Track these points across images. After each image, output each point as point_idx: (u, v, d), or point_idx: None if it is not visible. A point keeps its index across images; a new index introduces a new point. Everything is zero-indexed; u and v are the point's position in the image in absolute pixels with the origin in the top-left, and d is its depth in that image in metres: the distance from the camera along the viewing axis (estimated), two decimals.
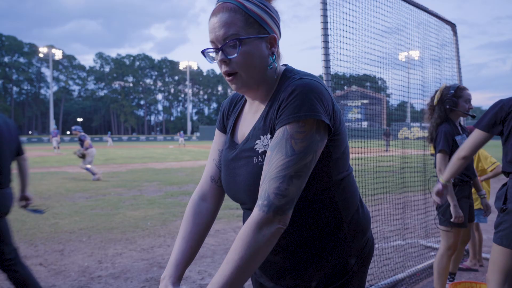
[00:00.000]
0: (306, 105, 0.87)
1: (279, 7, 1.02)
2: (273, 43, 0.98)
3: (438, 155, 2.54)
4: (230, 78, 0.96)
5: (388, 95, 4.68)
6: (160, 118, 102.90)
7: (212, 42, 0.96)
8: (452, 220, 2.47)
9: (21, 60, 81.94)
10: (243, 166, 0.98)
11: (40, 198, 7.30)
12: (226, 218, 5.53)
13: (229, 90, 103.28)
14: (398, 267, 3.16)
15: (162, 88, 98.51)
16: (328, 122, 0.89)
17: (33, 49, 79.62)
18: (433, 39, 3.81)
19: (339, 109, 0.96)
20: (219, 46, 0.94)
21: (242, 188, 0.97)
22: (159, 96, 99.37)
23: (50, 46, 66.70)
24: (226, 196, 1.14)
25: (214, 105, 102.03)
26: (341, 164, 0.98)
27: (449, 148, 2.52)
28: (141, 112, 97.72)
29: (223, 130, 1.16)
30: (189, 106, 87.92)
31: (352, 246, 1.00)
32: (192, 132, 78.36)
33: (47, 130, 77.33)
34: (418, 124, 6.54)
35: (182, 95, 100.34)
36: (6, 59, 79.49)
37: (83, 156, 10.12)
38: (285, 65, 1.06)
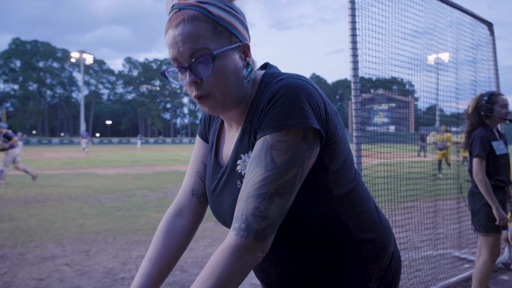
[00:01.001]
0: (289, 110, 0.72)
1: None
2: (246, 51, 0.82)
3: (475, 160, 2.51)
4: (202, 99, 0.78)
5: (416, 99, 4.51)
6: (186, 121, 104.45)
7: (174, 59, 0.77)
8: (496, 223, 2.43)
9: (55, 65, 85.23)
10: (227, 192, 0.84)
11: (68, 199, 7.48)
12: None
13: None
14: (429, 279, 3.00)
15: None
16: (319, 127, 0.73)
17: (66, 55, 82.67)
18: (467, 39, 3.64)
19: (334, 111, 0.80)
20: (185, 64, 0.76)
21: (229, 216, 0.83)
22: (185, 100, 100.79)
23: (82, 51, 68.98)
24: None
25: None
26: (343, 176, 0.82)
27: (486, 153, 2.50)
28: (167, 115, 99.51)
29: (205, 139, 1.01)
30: None
31: (371, 268, 0.86)
32: None
33: (78, 132, 79.83)
34: (447, 128, 6.36)
35: None
36: (41, 64, 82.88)
37: (2, 149, 9.33)
38: (265, 65, 0.90)
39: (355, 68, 2.46)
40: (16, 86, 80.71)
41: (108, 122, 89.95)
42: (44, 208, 6.55)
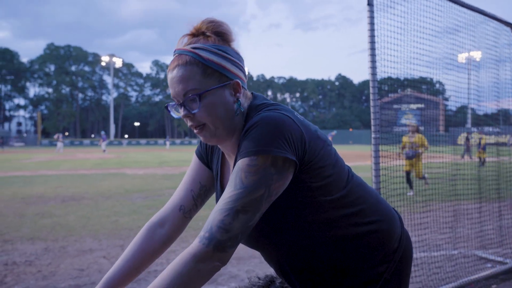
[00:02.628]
0: (260, 138, 0.82)
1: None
2: (237, 88, 0.93)
3: None
4: (198, 130, 0.92)
5: (446, 99, 4.50)
6: None
7: (174, 97, 0.92)
8: None
9: (86, 68, 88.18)
10: None
11: (102, 197, 7.87)
12: None
13: (278, 95, 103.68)
14: (449, 276, 3.07)
15: None
16: (289, 156, 0.82)
17: (97, 59, 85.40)
18: (490, 42, 3.66)
19: (315, 136, 0.90)
20: (181, 101, 0.91)
21: None
22: None
23: (111, 55, 71.22)
24: None
25: None
26: (331, 187, 0.91)
27: None
28: None
29: (205, 163, 1.11)
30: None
31: (376, 255, 0.96)
32: None
33: (108, 134, 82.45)
34: (475, 129, 6.21)
35: None
36: (73, 68, 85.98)
37: None
38: (253, 98, 0.99)
39: (374, 74, 2.56)
40: (50, 90, 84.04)
41: (136, 123, 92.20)
42: (80, 206, 6.95)
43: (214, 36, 0.94)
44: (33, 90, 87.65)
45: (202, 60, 0.90)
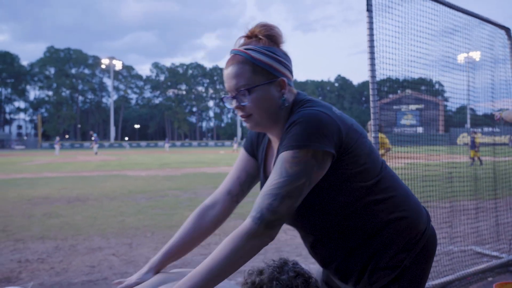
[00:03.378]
0: (299, 135, 0.95)
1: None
2: (282, 85, 1.05)
3: None
4: (245, 119, 1.07)
5: (446, 99, 4.49)
6: (211, 124, 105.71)
7: (228, 91, 1.07)
8: None
9: (86, 71, 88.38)
10: None
11: (106, 198, 8.00)
12: None
13: None
14: (447, 269, 3.20)
15: (214, 95, 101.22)
16: (327, 148, 0.95)
17: (97, 61, 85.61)
18: (485, 44, 3.78)
19: (351, 129, 1.02)
20: (233, 94, 1.05)
21: None
22: (211, 103, 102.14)
23: (111, 58, 71.38)
24: None
25: None
26: (366, 174, 1.03)
27: None
28: (193, 119, 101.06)
29: (251, 153, 1.25)
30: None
31: (400, 241, 1.06)
32: (242, 138, 79.73)
33: (108, 136, 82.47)
34: (479, 129, 6.20)
35: None
36: (73, 71, 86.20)
37: None
38: (297, 94, 1.11)
39: (372, 70, 2.66)
40: (50, 93, 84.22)
41: (136, 126, 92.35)
42: (85, 206, 7.08)
43: (265, 38, 1.07)
44: (33, 93, 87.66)
45: (252, 59, 1.03)
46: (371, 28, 2.62)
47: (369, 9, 2.62)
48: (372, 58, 2.65)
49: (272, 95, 1.05)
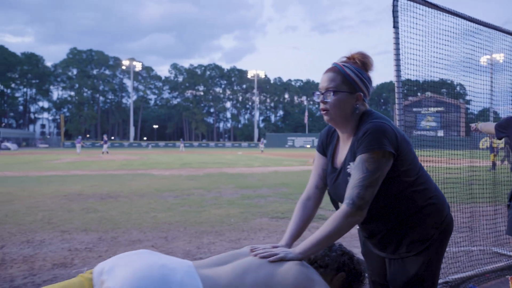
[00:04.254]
0: (374, 141, 1.32)
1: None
2: (359, 98, 1.44)
3: None
4: (324, 112, 1.47)
5: (468, 102, 4.53)
6: (228, 125, 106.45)
7: (319, 88, 1.48)
8: None
9: (107, 72, 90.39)
10: (342, 183, 1.48)
11: (136, 196, 8.42)
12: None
13: (295, 98, 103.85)
14: (466, 266, 3.42)
15: (231, 96, 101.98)
16: (391, 150, 1.33)
17: (117, 62, 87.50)
18: (505, 47, 3.80)
19: (403, 138, 1.39)
20: (322, 92, 1.46)
21: (342, 195, 1.43)
22: (228, 104, 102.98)
23: (132, 59, 72.89)
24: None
25: (281, 112, 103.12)
26: (410, 172, 1.42)
27: None
28: (210, 120, 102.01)
29: (323, 153, 1.65)
30: (256, 113, 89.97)
31: (430, 222, 1.44)
32: (258, 139, 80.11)
33: (127, 136, 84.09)
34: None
35: (250, 103, 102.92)
36: (94, 72, 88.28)
37: None
38: (367, 108, 1.50)
39: (398, 76, 2.90)
40: (72, 93, 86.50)
41: (155, 126, 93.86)
42: (118, 203, 7.49)
43: (359, 63, 1.47)
44: (56, 93, 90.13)
45: (345, 73, 1.44)
46: (397, 44, 2.87)
47: (395, 26, 2.87)
48: (398, 70, 2.90)
49: (349, 102, 1.43)
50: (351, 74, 1.43)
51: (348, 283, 1.46)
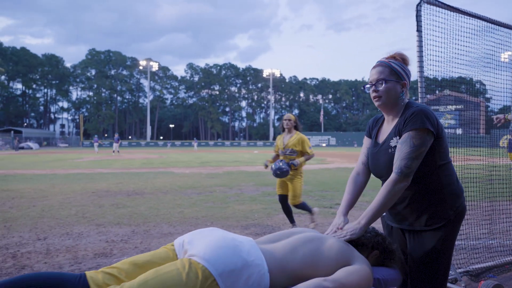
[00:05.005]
0: (420, 120, 1.61)
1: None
2: (403, 85, 1.77)
3: None
4: (376, 99, 1.76)
5: (488, 99, 4.49)
6: (244, 124, 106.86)
7: (370, 81, 1.78)
8: None
9: (124, 72, 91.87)
10: (383, 155, 1.77)
11: (160, 193, 8.74)
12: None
13: (310, 96, 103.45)
14: (486, 258, 3.56)
15: (246, 95, 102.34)
16: (433, 130, 1.62)
17: (134, 62, 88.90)
18: None
19: (440, 124, 1.67)
20: (374, 83, 1.76)
21: (382, 167, 1.71)
22: (243, 103, 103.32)
23: (149, 59, 73.92)
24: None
25: (296, 111, 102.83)
26: (443, 155, 1.69)
27: None
28: (226, 119, 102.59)
29: (369, 136, 1.97)
30: (272, 112, 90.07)
31: (449, 203, 1.69)
32: (274, 138, 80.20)
33: (144, 136, 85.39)
34: None
35: (265, 102, 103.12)
36: (112, 72, 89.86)
37: None
38: (409, 99, 1.82)
39: (421, 77, 3.06)
40: (91, 93, 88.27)
41: (171, 125, 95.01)
42: (144, 199, 7.82)
43: (400, 58, 1.81)
44: (75, 93, 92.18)
45: (391, 67, 1.77)
46: (420, 46, 3.04)
47: (418, 30, 3.04)
48: (421, 78, 3.07)
49: (396, 89, 1.75)
50: (396, 67, 1.75)
51: (381, 259, 1.67)
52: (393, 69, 1.74)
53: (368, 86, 1.78)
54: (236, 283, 1.28)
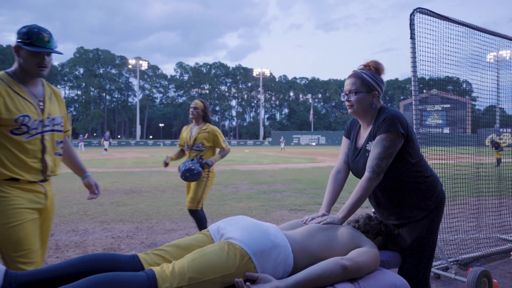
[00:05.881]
0: (391, 124, 1.81)
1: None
2: (374, 96, 1.94)
3: None
4: (349, 107, 1.95)
5: (474, 99, 4.57)
6: (234, 123, 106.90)
7: (344, 90, 1.98)
8: None
9: (113, 71, 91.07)
10: (361, 159, 1.97)
11: (157, 191, 8.88)
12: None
13: (300, 96, 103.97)
14: (473, 249, 3.83)
15: (236, 95, 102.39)
16: (403, 131, 1.81)
17: (123, 61, 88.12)
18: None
19: (411, 127, 1.87)
20: (347, 93, 1.95)
21: (361, 169, 1.92)
22: (233, 102, 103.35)
23: (138, 58, 73.37)
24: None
25: (286, 110, 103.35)
26: (414, 154, 1.89)
27: None
28: (216, 118, 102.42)
29: (347, 136, 2.14)
30: (262, 111, 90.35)
31: (428, 195, 1.91)
32: (264, 137, 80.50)
33: (134, 135, 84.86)
34: (510, 130, 6.28)
35: (255, 101, 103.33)
36: (101, 71, 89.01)
37: None
38: (382, 104, 1.99)
39: (415, 80, 3.28)
40: (79, 92, 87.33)
41: (161, 124, 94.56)
42: (143, 197, 7.96)
43: (373, 69, 1.97)
44: (63, 92, 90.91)
45: (362, 78, 1.94)
46: (413, 52, 3.29)
47: (412, 37, 3.29)
48: (415, 81, 3.31)
49: (367, 99, 1.94)
50: (368, 78, 1.92)
51: (384, 244, 1.91)
52: (364, 81, 1.91)
53: (343, 94, 1.98)
54: (267, 261, 1.49)
